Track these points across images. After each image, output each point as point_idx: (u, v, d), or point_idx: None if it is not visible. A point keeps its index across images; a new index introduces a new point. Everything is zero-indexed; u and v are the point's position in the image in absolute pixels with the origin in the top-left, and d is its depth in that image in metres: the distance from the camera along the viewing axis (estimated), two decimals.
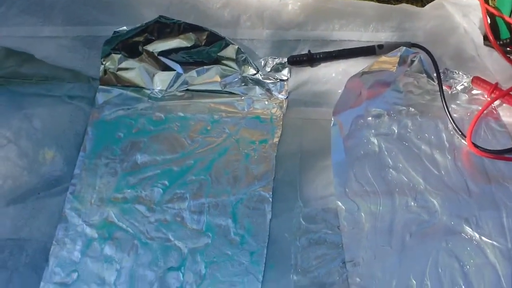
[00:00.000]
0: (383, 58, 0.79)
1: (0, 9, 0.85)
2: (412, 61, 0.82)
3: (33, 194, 0.75)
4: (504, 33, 0.89)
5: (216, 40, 0.83)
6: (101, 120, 0.81)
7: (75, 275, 0.69)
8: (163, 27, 0.82)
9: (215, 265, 0.69)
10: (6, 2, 0.85)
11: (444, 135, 0.78)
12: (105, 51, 0.83)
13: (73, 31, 0.85)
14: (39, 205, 0.74)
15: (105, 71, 0.84)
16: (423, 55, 0.83)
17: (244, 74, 0.84)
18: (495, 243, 0.70)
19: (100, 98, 0.83)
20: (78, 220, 0.73)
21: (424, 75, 0.82)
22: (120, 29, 0.80)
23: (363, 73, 0.78)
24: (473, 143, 0.76)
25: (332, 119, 0.77)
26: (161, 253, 0.70)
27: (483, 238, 0.70)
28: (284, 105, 0.82)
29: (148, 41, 0.83)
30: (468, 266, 0.68)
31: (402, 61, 0.79)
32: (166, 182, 0.75)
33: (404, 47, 0.80)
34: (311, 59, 0.85)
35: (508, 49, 0.87)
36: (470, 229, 0.70)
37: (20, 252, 0.71)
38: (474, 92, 0.83)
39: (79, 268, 0.70)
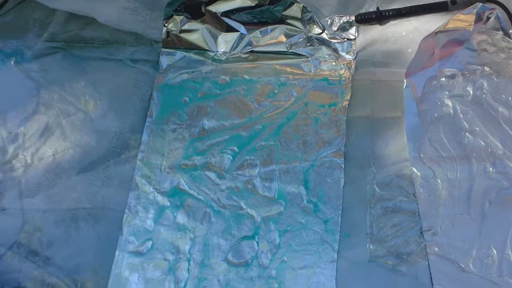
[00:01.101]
0: (459, 15, 0.72)
1: None
2: (488, 18, 0.75)
3: (103, 162, 0.72)
4: None
5: None
6: (166, 84, 0.77)
7: (149, 244, 0.67)
8: None
9: (289, 234, 0.66)
10: None
11: None
12: (168, 13, 0.78)
13: None
14: (110, 173, 0.72)
15: (167, 33, 0.79)
16: (499, 11, 0.75)
17: (309, 34, 0.78)
18: None
19: (164, 61, 0.79)
20: (149, 188, 0.69)
21: (500, 32, 0.75)
22: None
23: (437, 32, 0.71)
24: None
25: (405, 81, 0.71)
26: (234, 221, 0.67)
27: None
28: (353, 66, 0.76)
29: (211, 1, 0.78)
30: None
31: (478, 18, 0.73)
32: (235, 148, 0.72)
33: (480, 3, 0.73)
34: (380, 17, 0.79)
35: None
36: None
37: (94, 221, 0.69)
38: None
39: (153, 237, 0.67)
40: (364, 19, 0.78)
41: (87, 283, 0.65)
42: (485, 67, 0.74)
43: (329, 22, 0.79)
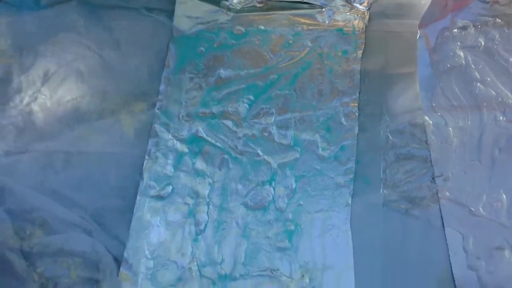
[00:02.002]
0: None
1: None
2: None
3: (122, 109, 0.73)
4: None
5: None
6: (182, 35, 0.78)
7: (169, 188, 0.68)
8: None
9: (305, 179, 0.68)
10: None
11: None
12: None
13: None
14: (129, 120, 0.73)
15: None
16: None
17: None
18: None
19: (179, 11, 0.79)
20: (168, 135, 0.71)
21: None
22: None
23: None
24: None
25: (418, 32, 0.72)
26: (251, 167, 0.69)
27: None
28: (366, 17, 0.78)
29: None
30: None
31: None
32: (251, 97, 0.73)
33: None
34: None
35: None
36: None
37: (115, 166, 0.71)
38: None
39: (173, 182, 0.69)
40: None
41: (110, 225, 0.66)
42: (497, 19, 0.75)
43: None
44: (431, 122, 0.69)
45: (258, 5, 0.79)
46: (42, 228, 0.64)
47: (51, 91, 0.73)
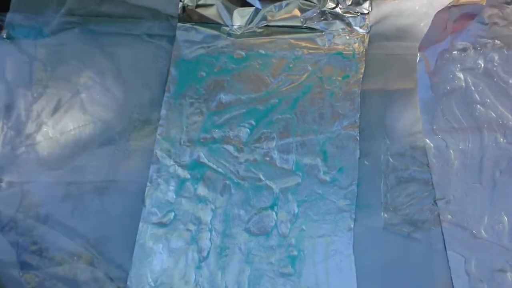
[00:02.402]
0: None
1: None
2: None
3: (123, 136, 0.74)
4: None
5: None
6: (182, 59, 0.79)
7: (171, 215, 0.69)
8: None
9: (307, 204, 0.69)
10: None
11: None
12: None
13: None
14: (131, 147, 0.74)
15: (183, 8, 0.81)
16: None
17: (323, 8, 0.81)
18: None
19: (180, 36, 0.80)
20: (169, 161, 0.72)
21: (511, 6, 0.76)
22: None
23: (451, 6, 0.73)
24: None
25: (418, 55, 0.73)
26: (253, 192, 0.70)
27: None
28: (366, 40, 0.79)
29: None
30: None
31: None
32: (253, 122, 0.74)
33: None
34: None
35: None
36: None
37: (116, 194, 0.71)
38: None
39: (175, 208, 0.70)
40: None
41: (113, 253, 0.67)
42: (496, 40, 0.76)
43: None
44: (432, 144, 0.70)
45: (258, 30, 0.80)
46: (44, 259, 0.65)
47: (54, 122, 0.74)
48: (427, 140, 0.70)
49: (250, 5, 0.80)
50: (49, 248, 0.66)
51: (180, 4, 0.80)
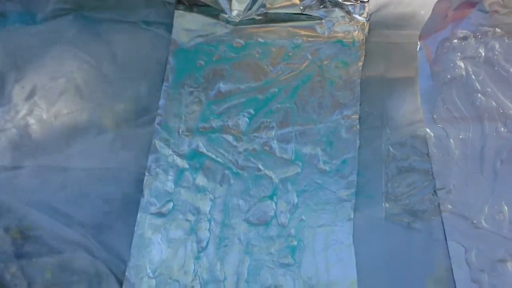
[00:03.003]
0: None
1: None
2: None
3: (121, 124, 0.74)
4: None
5: None
6: (180, 48, 0.79)
7: (170, 205, 0.70)
8: None
9: (307, 194, 0.69)
10: None
11: None
12: None
13: None
14: (129, 136, 0.74)
15: None
16: None
17: None
18: None
19: (178, 24, 0.80)
20: (168, 151, 0.72)
21: None
22: None
23: None
24: None
25: (419, 43, 0.73)
26: (252, 182, 0.70)
27: None
28: (366, 28, 0.79)
29: None
30: None
31: None
32: (252, 111, 0.74)
33: None
34: None
35: None
36: None
37: (115, 182, 0.71)
38: None
39: (173, 198, 0.70)
40: None
41: (111, 243, 0.67)
42: (497, 29, 0.76)
43: None
44: (432, 134, 0.70)
45: (257, 17, 0.80)
46: (41, 247, 0.65)
47: (48, 104, 0.74)
48: (428, 130, 0.71)
49: None
50: (44, 235, 0.66)
51: None
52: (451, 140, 0.70)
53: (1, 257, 0.65)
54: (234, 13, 0.80)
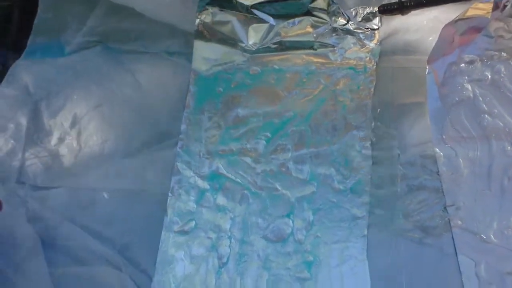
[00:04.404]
0: (477, 4, 0.81)
1: None
2: (505, 6, 0.82)
3: (145, 148, 0.80)
4: None
5: None
6: (200, 76, 0.85)
7: (192, 224, 0.75)
8: None
9: (322, 212, 0.74)
10: None
11: None
12: (201, 5, 0.87)
13: None
14: (152, 159, 0.80)
15: (200, 25, 0.88)
16: None
17: (335, 25, 0.87)
18: None
19: (198, 53, 0.87)
20: (190, 173, 0.78)
21: None
22: None
23: (457, 20, 0.79)
24: None
25: (427, 67, 0.79)
26: (270, 201, 0.75)
27: None
28: (377, 55, 0.84)
29: None
30: None
31: (495, 6, 0.80)
32: (269, 134, 0.80)
33: None
34: (402, 7, 0.87)
35: None
36: None
37: (140, 203, 0.77)
38: None
39: (195, 217, 0.75)
40: (387, 10, 0.86)
41: (137, 260, 0.73)
42: (502, 53, 0.82)
43: (353, 13, 0.87)
44: (441, 153, 0.75)
45: (273, 46, 0.87)
46: (71, 258, 0.71)
47: (78, 131, 0.81)
48: (437, 149, 0.76)
49: (265, 22, 0.87)
50: (74, 247, 0.72)
51: (197, 20, 0.87)
52: (460, 159, 0.75)
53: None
54: (251, 42, 0.87)
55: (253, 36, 0.87)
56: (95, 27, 0.89)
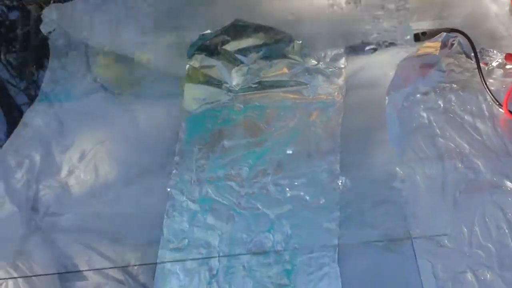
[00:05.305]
0: (427, 43, 0.94)
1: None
2: (452, 44, 0.96)
3: (143, 177, 0.92)
4: None
5: (282, 38, 1.00)
6: (191, 114, 0.99)
7: (186, 241, 0.86)
8: (238, 29, 1.00)
9: (299, 227, 0.85)
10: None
11: (483, 106, 0.92)
12: (190, 52, 1.01)
13: (164, 39, 1.04)
14: (149, 186, 0.92)
15: (190, 69, 1.02)
16: (461, 38, 0.96)
17: (307, 65, 1.00)
18: None
19: (187, 94, 1.00)
20: (182, 197, 0.90)
21: (463, 55, 0.96)
22: (205, 32, 0.99)
23: (411, 57, 0.93)
24: (509, 111, 0.89)
25: (387, 98, 0.92)
26: (252, 219, 0.87)
27: None
28: (344, 90, 0.97)
29: (226, 42, 1.01)
30: (510, 214, 0.81)
31: (443, 45, 0.94)
32: (251, 161, 0.92)
33: (444, 33, 0.95)
34: (365, 48, 1.01)
35: None
36: (511, 183, 0.84)
37: (139, 225, 0.89)
38: (508, 66, 0.96)
39: (188, 236, 0.86)
40: (352, 51, 1.01)
41: (138, 275, 0.84)
42: (453, 84, 0.95)
43: (323, 55, 1.01)
44: (402, 172, 0.87)
45: (253, 85, 1.00)
46: (80, 274, 0.83)
47: (84, 165, 0.93)
48: (398, 169, 0.87)
49: (246, 64, 1.01)
50: (83, 265, 0.84)
51: (187, 66, 1.01)
52: (418, 176, 0.87)
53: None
54: (234, 83, 1.01)
55: (236, 78, 1.01)
56: (98, 75, 1.02)
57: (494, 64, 0.96)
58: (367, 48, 1.00)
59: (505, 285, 0.75)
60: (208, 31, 1.01)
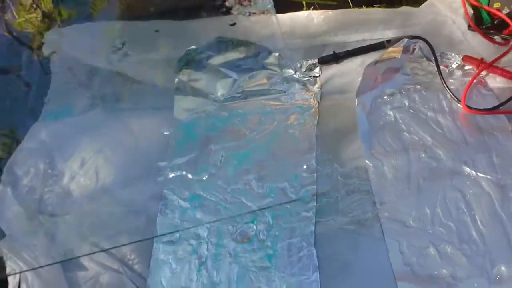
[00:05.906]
0: (390, 49, 1.06)
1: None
2: (414, 49, 1.07)
3: (138, 180, 1.03)
4: (486, 20, 1.14)
5: (261, 51, 1.11)
6: (181, 123, 1.10)
7: (177, 235, 0.95)
8: (221, 45, 1.12)
9: (279, 217, 0.94)
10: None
11: (444, 103, 1.02)
12: (179, 67, 1.13)
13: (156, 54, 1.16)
14: (145, 188, 1.02)
15: (179, 83, 1.14)
16: (422, 43, 1.07)
17: (285, 75, 1.12)
18: (488, 176, 0.91)
19: (177, 105, 1.12)
20: (174, 197, 1.00)
21: (424, 59, 1.07)
22: (191, 47, 1.11)
23: (376, 62, 1.04)
24: (467, 106, 0.99)
25: (356, 100, 1.03)
26: (237, 212, 0.96)
27: (478, 174, 0.92)
28: (319, 95, 1.08)
29: (210, 56, 1.12)
30: (468, 195, 0.89)
31: (405, 50, 1.05)
32: (235, 162, 1.02)
33: (406, 39, 1.06)
34: (336, 58, 1.13)
35: (491, 31, 1.12)
36: (468, 169, 0.93)
37: (136, 222, 0.98)
38: (466, 67, 1.06)
39: (180, 230, 0.96)
40: (325, 61, 1.12)
41: (134, 265, 0.94)
42: (417, 85, 1.06)
43: (299, 65, 1.12)
44: (371, 164, 0.97)
45: (237, 95, 1.11)
46: (82, 266, 0.94)
47: (85, 172, 1.04)
48: (367, 161, 0.97)
49: (229, 77, 1.12)
50: (84, 258, 0.94)
51: (176, 79, 1.13)
52: (385, 167, 0.96)
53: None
54: (219, 93, 1.12)
55: (220, 89, 1.13)
56: (96, 92, 1.14)
57: (454, 66, 1.06)
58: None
59: (464, 257, 0.83)
60: (193, 47, 1.12)
